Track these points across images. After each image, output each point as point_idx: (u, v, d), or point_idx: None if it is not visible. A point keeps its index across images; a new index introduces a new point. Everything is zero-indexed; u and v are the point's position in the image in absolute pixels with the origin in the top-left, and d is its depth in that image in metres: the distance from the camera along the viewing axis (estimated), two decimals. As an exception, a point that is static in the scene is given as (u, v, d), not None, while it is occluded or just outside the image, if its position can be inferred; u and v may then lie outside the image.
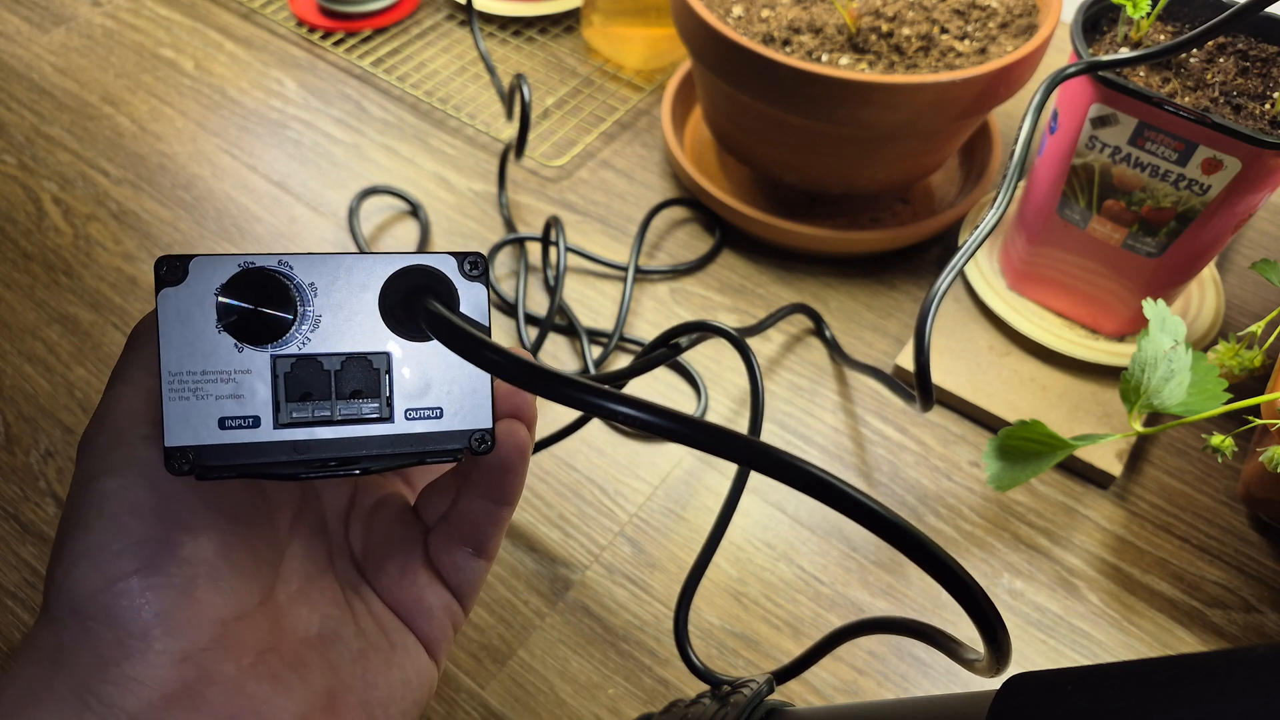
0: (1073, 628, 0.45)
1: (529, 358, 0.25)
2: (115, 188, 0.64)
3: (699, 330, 0.40)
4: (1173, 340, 0.39)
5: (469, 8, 0.70)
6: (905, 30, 0.53)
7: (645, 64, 0.74)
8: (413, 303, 0.23)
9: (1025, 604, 0.46)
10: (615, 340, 0.55)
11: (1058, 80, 0.44)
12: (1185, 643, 0.45)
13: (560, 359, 0.56)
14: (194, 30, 0.77)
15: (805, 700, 0.43)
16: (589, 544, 0.47)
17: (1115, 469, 0.49)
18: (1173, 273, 0.49)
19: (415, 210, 0.63)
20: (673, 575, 0.47)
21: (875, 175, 0.57)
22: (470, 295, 0.24)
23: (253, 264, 0.22)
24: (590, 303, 0.58)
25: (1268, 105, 0.43)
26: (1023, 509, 0.49)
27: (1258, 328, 0.45)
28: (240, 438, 0.22)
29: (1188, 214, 0.46)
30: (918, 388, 0.42)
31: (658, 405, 0.19)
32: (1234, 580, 0.47)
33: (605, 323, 0.57)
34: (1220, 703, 0.16)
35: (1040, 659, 0.44)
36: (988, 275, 0.57)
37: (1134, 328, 0.53)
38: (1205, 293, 0.57)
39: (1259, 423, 0.44)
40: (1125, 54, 0.44)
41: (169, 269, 0.22)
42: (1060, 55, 0.76)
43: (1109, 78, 0.44)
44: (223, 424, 0.22)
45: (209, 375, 0.22)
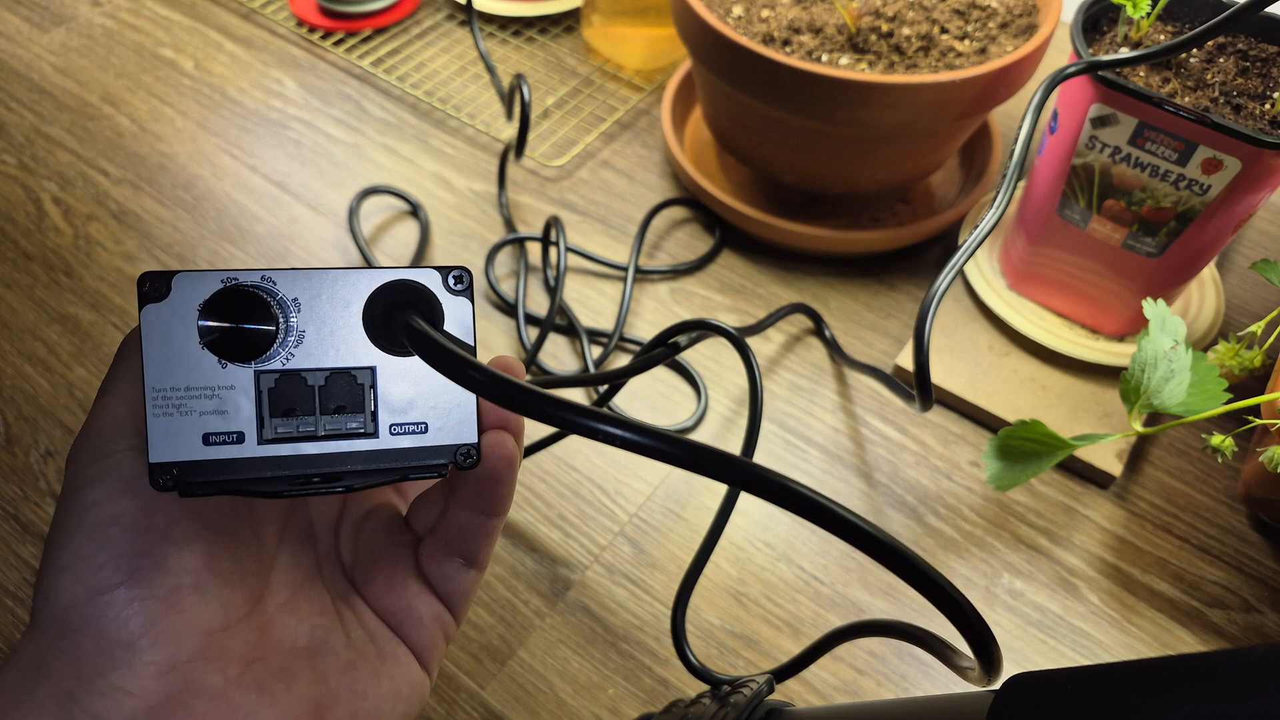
0: (1073, 628, 0.45)
1: (513, 376, 0.25)
2: (115, 188, 0.64)
3: (698, 329, 0.40)
4: (1173, 340, 0.39)
5: (469, 8, 0.70)
6: (905, 30, 0.53)
7: (645, 64, 0.74)
8: (396, 318, 0.23)
9: (1025, 604, 0.46)
10: (615, 340, 0.55)
11: (1058, 80, 0.44)
12: (1185, 643, 0.45)
13: (560, 359, 0.56)
14: (194, 30, 0.77)
15: (805, 700, 0.43)
16: (589, 544, 0.47)
17: (1115, 469, 0.49)
18: (1173, 273, 0.49)
19: (415, 210, 0.63)
20: (672, 575, 0.47)
21: (875, 175, 0.57)
22: (455, 310, 0.24)
23: (235, 280, 0.22)
24: (590, 303, 0.58)
25: (1268, 105, 0.43)
26: (1023, 509, 0.49)
27: (1258, 328, 0.45)
28: (224, 454, 0.23)
29: (1188, 214, 0.46)
30: (917, 388, 0.42)
31: (644, 425, 0.19)
32: (1234, 580, 0.47)
33: (605, 323, 0.57)
34: (1220, 703, 0.16)
35: (1040, 659, 0.44)
36: (988, 275, 0.57)
37: (1134, 328, 0.53)
38: (1205, 293, 0.57)
39: (1259, 423, 0.44)
40: (1125, 54, 0.44)
41: (152, 285, 0.22)
42: (1060, 55, 0.76)
43: (1109, 78, 0.44)
44: (207, 440, 0.22)
45: (193, 391, 0.22)
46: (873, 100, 0.49)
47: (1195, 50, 0.46)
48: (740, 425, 0.53)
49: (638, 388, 0.54)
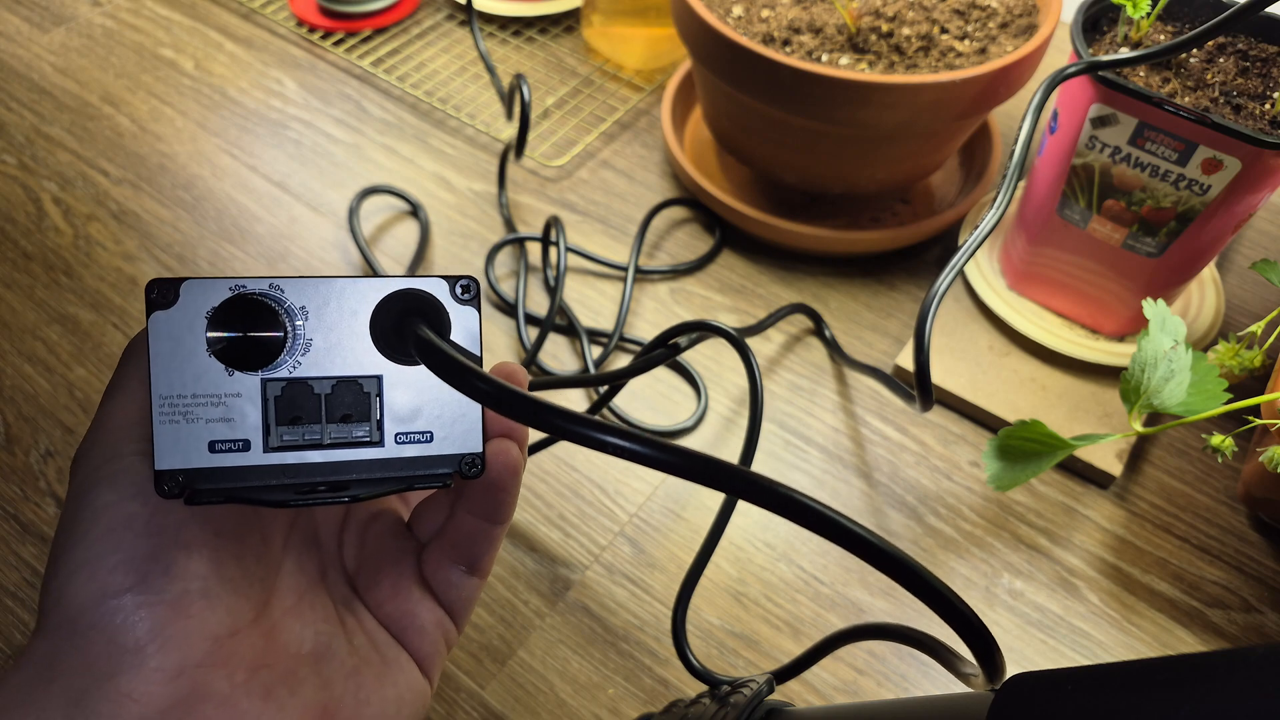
0: (1073, 628, 0.45)
1: (517, 384, 0.25)
2: (115, 188, 0.64)
3: (698, 330, 0.40)
4: (1173, 340, 0.39)
5: (469, 8, 0.70)
6: (905, 30, 0.53)
7: (645, 64, 0.74)
8: (403, 327, 0.23)
9: (1025, 604, 0.46)
10: (615, 340, 0.55)
11: (1058, 80, 0.44)
12: (1185, 643, 0.45)
13: (560, 359, 0.56)
14: (194, 30, 0.77)
15: (805, 700, 0.43)
16: (589, 544, 0.47)
17: (1115, 469, 0.49)
18: (1173, 273, 0.49)
19: (415, 210, 0.63)
20: (672, 575, 0.47)
21: (875, 175, 0.57)
22: (462, 319, 0.24)
23: (243, 287, 0.22)
24: (590, 303, 0.58)
25: (1268, 105, 0.43)
26: (1023, 509, 0.49)
27: (1258, 328, 0.45)
28: (230, 461, 0.23)
29: (1188, 214, 0.46)
30: (918, 388, 0.42)
31: (648, 436, 0.19)
32: (1234, 580, 0.47)
33: (605, 323, 0.57)
34: (1220, 703, 0.16)
35: (1040, 659, 0.44)
36: (988, 275, 0.57)
37: (1134, 328, 0.53)
38: (1205, 293, 0.57)
39: (1259, 423, 0.44)
40: (1125, 54, 0.44)
41: (160, 292, 0.22)
42: (1060, 55, 0.76)
43: (1109, 78, 0.44)
44: (213, 447, 0.22)
45: (199, 399, 0.22)
46: (873, 100, 0.49)
47: (1195, 50, 0.46)
48: (741, 425, 0.53)
49: (638, 388, 0.54)
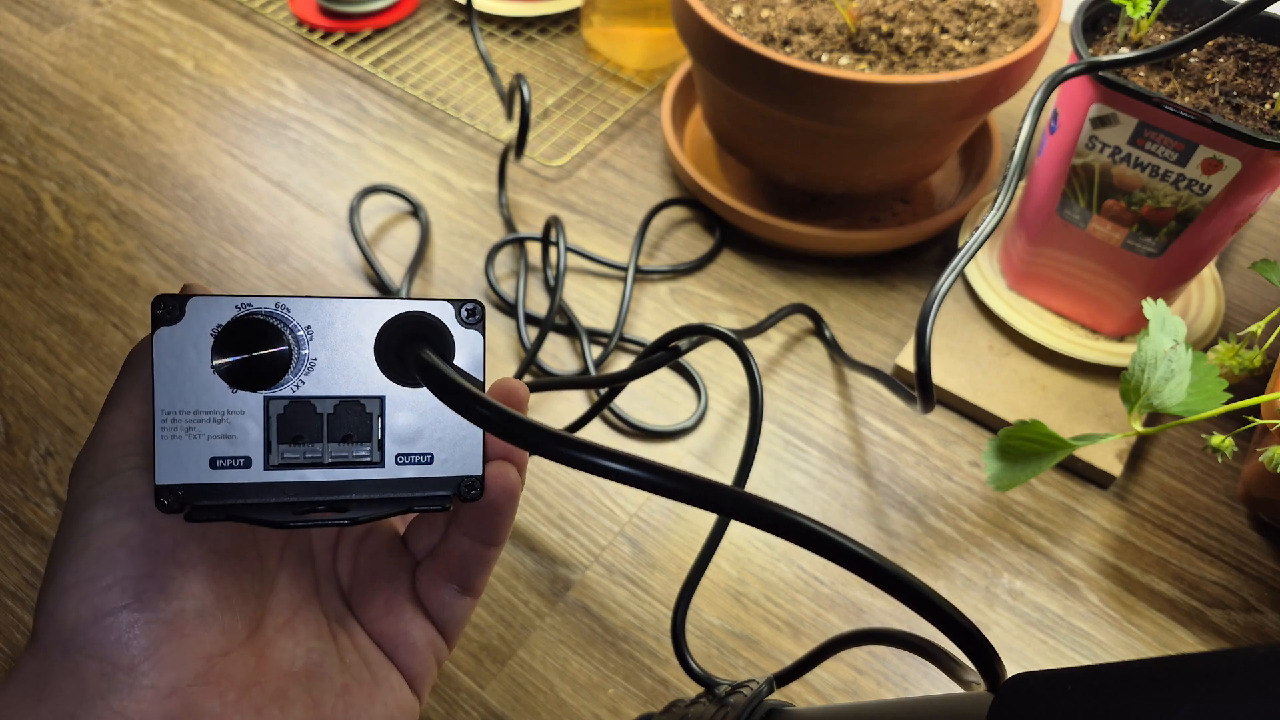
0: (1073, 628, 0.45)
1: (519, 403, 0.26)
2: (115, 188, 0.64)
3: (698, 333, 0.40)
4: (1173, 340, 0.39)
5: (469, 8, 0.70)
6: (905, 30, 0.53)
7: (645, 64, 0.74)
8: (407, 350, 0.23)
9: (1025, 604, 0.46)
10: (615, 340, 0.55)
11: (1058, 80, 0.44)
12: (1185, 643, 0.45)
13: (560, 359, 0.56)
14: (194, 30, 0.77)
15: (805, 700, 0.43)
16: (589, 544, 0.47)
17: (1115, 469, 0.49)
18: (1173, 273, 0.49)
19: (415, 210, 0.63)
20: (673, 575, 0.47)
21: (875, 175, 0.57)
22: (466, 343, 0.24)
23: (249, 306, 0.23)
24: (590, 303, 0.58)
25: (1268, 105, 0.43)
26: (1023, 509, 0.49)
27: (1258, 328, 0.45)
28: (231, 478, 0.23)
29: (1188, 214, 0.46)
30: (918, 388, 0.42)
31: (650, 462, 0.19)
32: (1234, 580, 0.47)
33: (605, 323, 0.57)
34: (1220, 703, 0.16)
35: (1040, 659, 0.44)
36: (988, 275, 0.57)
37: (1134, 328, 0.53)
38: (1205, 293, 0.57)
39: (1259, 423, 0.44)
40: (1125, 54, 0.44)
41: (166, 308, 0.22)
42: (1060, 55, 0.76)
43: (1109, 78, 0.44)
44: (214, 464, 0.23)
45: (202, 415, 0.23)
46: (873, 100, 0.49)
47: (1195, 50, 0.46)
48: (741, 425, 0.53)
49: (638, 389, 0.54)
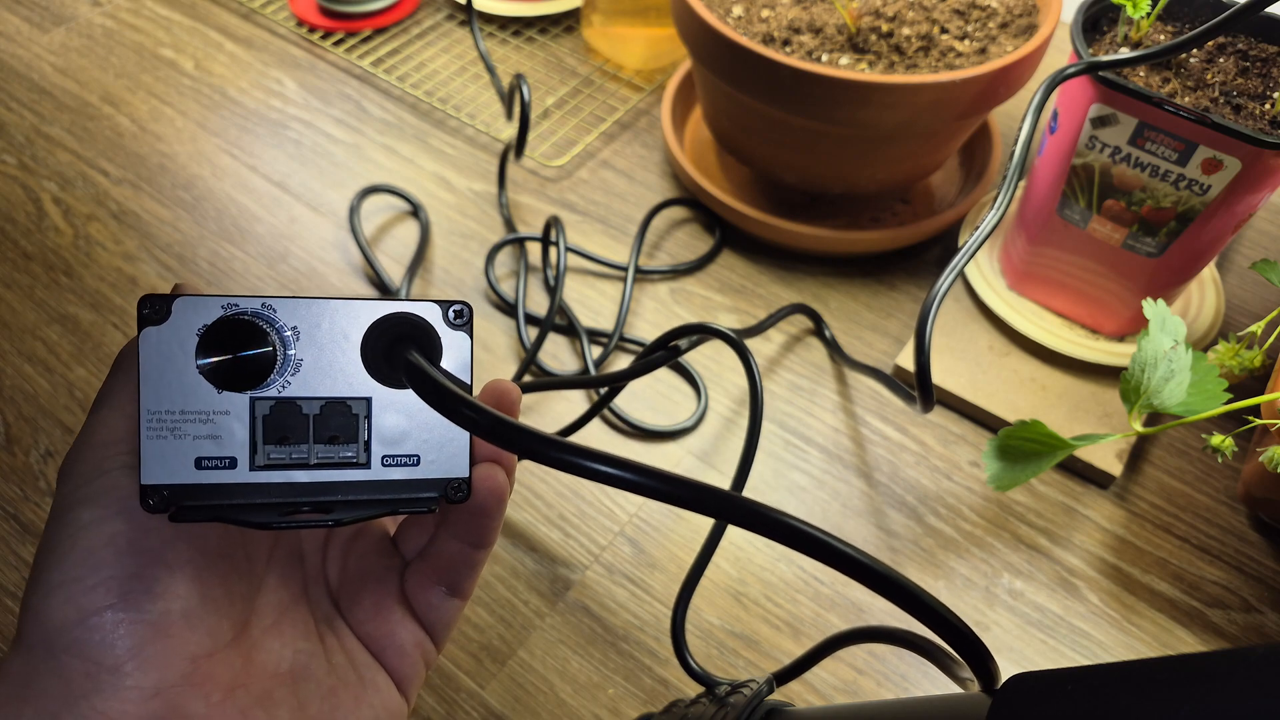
0: (1073, 628, 0.45)
1: (509, 403, 0.25)
2: (115, 188, 0.64)
3: (698, 333, 0.40)
4: (1173, 340, 0.39)
5: (469, 8, 0.70)
6: (905, 30, 0.53)
7: (645, 64, 0.74)
8: (394, 352, 0.23)
9: (1025, 604, 0.46)
10: (615, 340, 0.55)
11: (1058, 80, 0.44)
12: (1185, 643, 0.45)
13: (560, 359, 0.56)
14: (194, 30, 0.77)
15: (805, 700, 0.43)
16: (589, 544, 0.47)
17: (1115, 469, 0.49)
18: (1173, 273, 0.49)
19: (416, 210, 0.63)
20: (673, 575, 0.47)
21: (875, 175, 0.57)
22: (454, 345, 0.24)
23: (235, 306, 0.22)
24: (590, 303, 0.58)
25: (1268, 105, 0.43)
26: (1023, 509, 0.49)
27: (1258, 328, 0.45)
28: (216, 478, 0.23)
29: (1188, 214, 0.46)
30: (918, 388, 0.42)
31: (638, 464, 0.19)
32: (1234, 580, 0.47)
33: (605, 323, 0.57)
34: (1220, 703, 0.16)
35: (1040, 659, 0.44)
36: (988, 275, 0.57)
37: (1134, 328, 0.53)
38: (1205, 293, 0.57)
39: (1259, 423, 0.44)
40: (1125, 54, 0.44)
41: (152, 308, 0.22)
42: (1060, 55, 0.76)
43: (1109, 78, 0.44)
44: (199, 464, 0.23)
45: (188, 415, 0.22)
46: (873, 100, 0.49)
47: (1195, 50, 0.46)
48: (741, 425, 0.53)
49: (638, 388, 0.54)
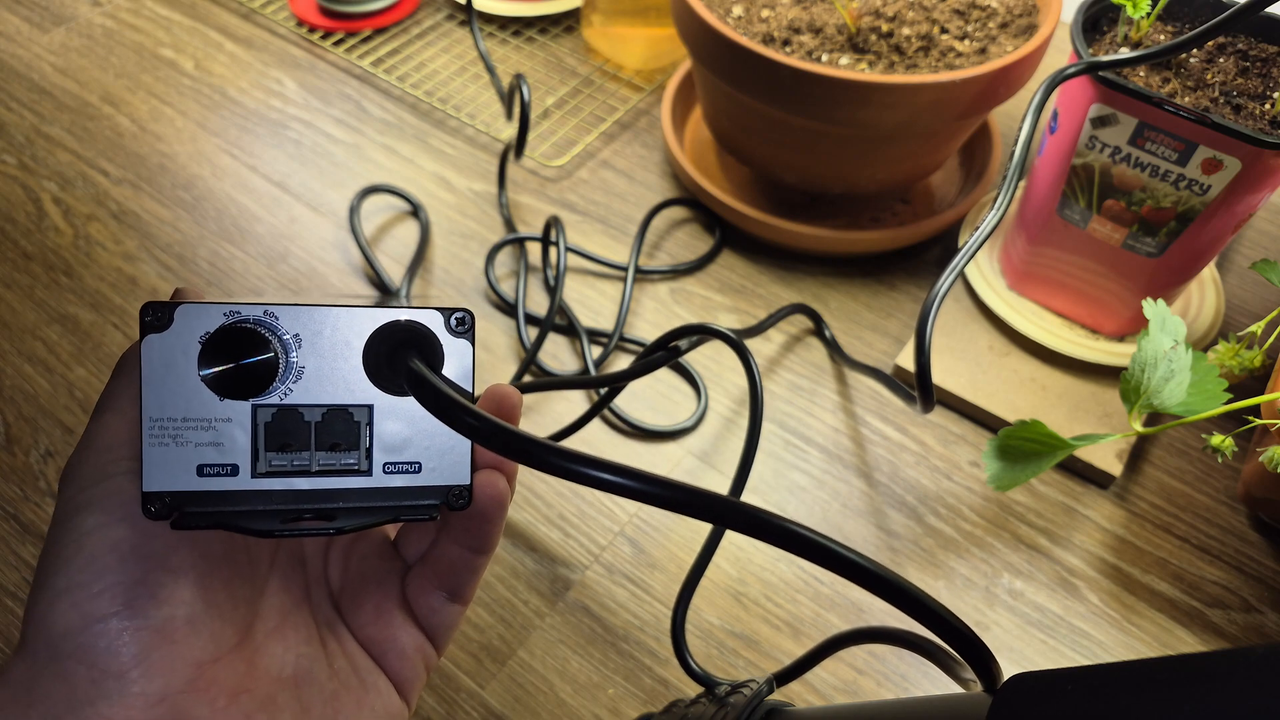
0: (1073, 628, 0.45)
1: (510, 409, 0.26)
2: (115, 188, 0.64)
3: (698, 333, 0.40)
4: (1173, 340, 0.39)
5: (469, 8, 0.70)
6: (905, 30, 0.53)
7: (645, 64, 0.74)
8: (396, 359, 0.23)
9: (1025, 604, 0.46)
10: (615, 340, 0.55)
11: (1058, 80, 0.44)
12: (1185, 643, 0.45)
13: (560, 359, 0.56)
14: (194, 30, 0.77)
15: (805, 700, 0.43)
16: (589, 544, 0.47)
17: (1115, 469, 0.49)
18: (1173, 273, 0.49)
19: (416, 210, 0.63)
20: (673, 575, 0.47)
21: (875, 175, 0.57)
22: (455, 352, 0.24)
23: (238, 314, 0.22)
24: (590, 303, 0.58)
25: (1268, 105, 0.43)
26: (1023, 509, 0.49)
27: (1258, 328, 0.45)
28: (218, 485, 0.23)
29: (1188, 214, 0.46)
30: (918, 388, 0.42)
31: (638, 470, 0.19)
32: (1234, 580, 0.47)
33: (605, 323, 0.57)
34: (1220, 703, 0.16)
35: (1040, 659, 0.44)
36: (988, 275, 0.57)
37: (1134, 328, 0.53)
38: (1205, 293, 0.57)
39: (1259, 423, 0.44)
40: (1125, 54, 0.44)
41: (154, 315, 0.22)
42: (1060, 55, 0.76)
43: (1109, 78, 0.44)
44: (201, 471, 0.23)
45: (190, 422, 0.22)
46: (873, 100, 0.49)
47: (1195, 50, 0.46)
48: (741, 425, 0.53)
49: (638, 389, 0.54)
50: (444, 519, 0.27)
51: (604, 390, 0.47)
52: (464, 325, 0.24)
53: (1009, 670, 0.21)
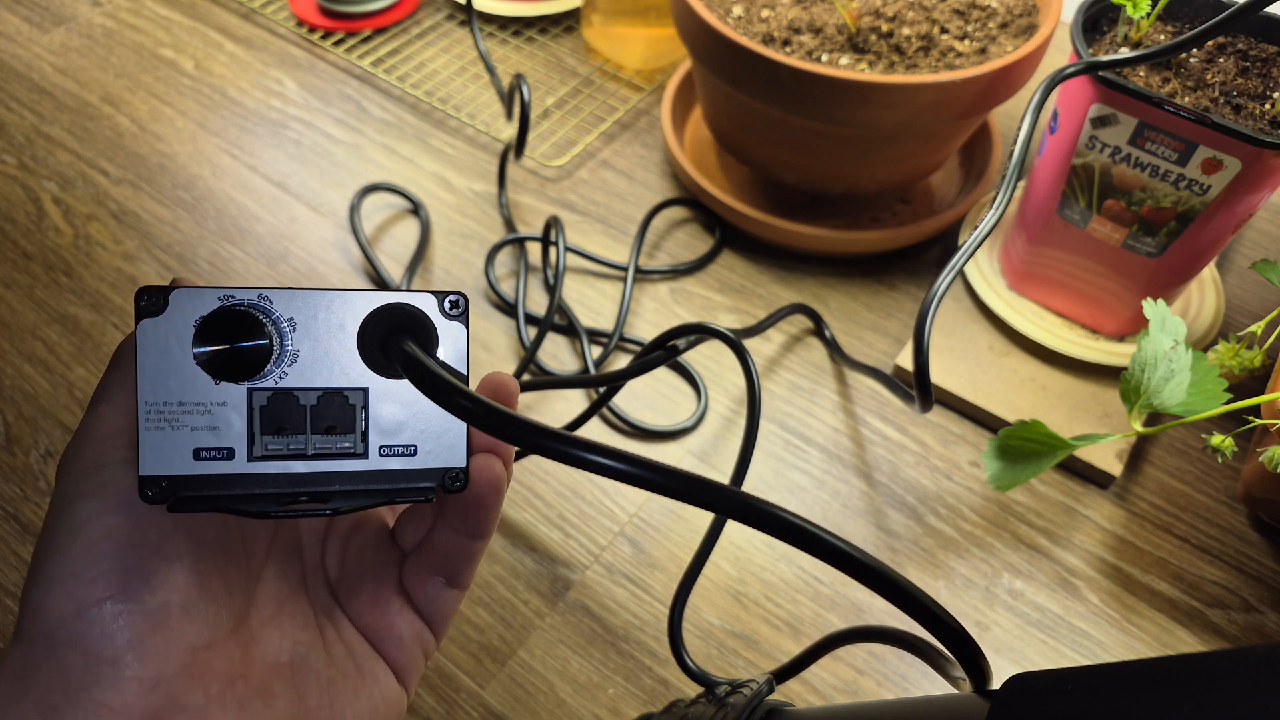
0: (1073, 628, 0.45)
1: (506, 395, 0.26)
2: (115, 188, 0.64)
3: (697, 332, 0.40)
4: (1173, 340, 0.39)
5: (469, 8, 0.70)
6: (905, 30, 0.53)
7: (645, 64, 0.74)
8: (390, 342, 0.23)
9: (1025, 604, 0.46)
10: (615, 340, 0.55)
11: (1058, 80, 0.44)
12: (1185, 643, 0.45)
13: (560, 359, 0.56)
14: (194, 30, 0.77)
15: (805, 700, 0.43)
16: (589, 544, 0.47)
17: (1115, 469, 0.49)
18: (1173, 273, 0.49)
19: (416, 210, 0.63)
20: (672, 575, 0.47)
21: (875, 175, 0.57)
22: (450, 335, 0.24)
23: (232, 298, 0.23)
24: (590, 303, 0.58)
25: (1268, 105, 0.43)
26: (1023, 509, 0.49)
27: (1258, 328, 0.45)
28: (214, 469, 0.23)
29: (1188, 214, 0.46)
30: (917, 388, 0.42)
31: (633, 455, 0.19)
32: (1234, 580, 0.47)
33: (605, 323, 0.57)
34: (1220, 703, 0.16)
35: (1040, 659, 0.44)
36: (988, 275, 0.57)
37: (1134, 328, 0.53)
38: (1205, 293, 0.57)
39: (1259, 423, 0.44)
40: (1125, 54, 0.44)
41: (149, 300, 0.22)
42: (1060, 55, 0.76)
43: (1109, 78, 0.44)
44: (197, 455, 0.23)
45: (185, 406, 0.23)
46: (873, 100, 0.49)
47: (1195, 50, 0.46)
48: (741, 425, 0.53)
49: (638, 388, 0.54)
50: (440, 505, 0.27)
51: (603, 390, 0.47)
52: (458, 308, 0.24)
53: (1009, 670, 0.21)
